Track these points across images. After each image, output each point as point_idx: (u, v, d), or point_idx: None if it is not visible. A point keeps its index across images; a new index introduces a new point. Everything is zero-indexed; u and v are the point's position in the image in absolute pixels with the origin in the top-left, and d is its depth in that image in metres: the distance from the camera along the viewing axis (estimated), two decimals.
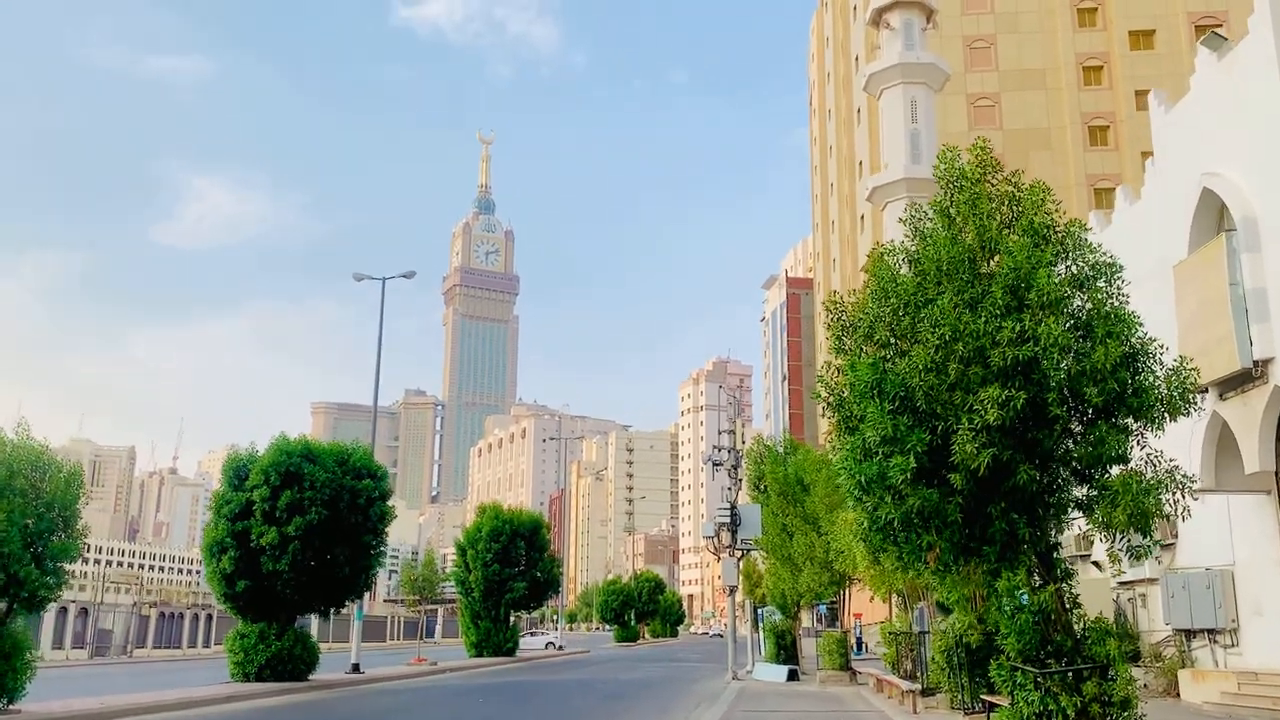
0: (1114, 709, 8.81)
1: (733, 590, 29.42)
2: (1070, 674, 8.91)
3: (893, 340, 9.45)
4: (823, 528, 24.53)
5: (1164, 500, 8.98)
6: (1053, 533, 9.58)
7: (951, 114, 56.35)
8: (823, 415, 9.69)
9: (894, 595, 22.48)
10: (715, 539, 29.88)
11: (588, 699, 23.56)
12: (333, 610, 28.40)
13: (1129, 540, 9.13)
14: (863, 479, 8.88)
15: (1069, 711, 8.70)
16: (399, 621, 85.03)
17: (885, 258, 10.03)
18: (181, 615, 54.09)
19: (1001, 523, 8.92)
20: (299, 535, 25.13)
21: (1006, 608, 9.20)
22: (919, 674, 17.08)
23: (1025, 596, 9.13)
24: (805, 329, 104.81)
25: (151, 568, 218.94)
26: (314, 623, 67.79)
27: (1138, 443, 9.26)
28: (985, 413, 8.49)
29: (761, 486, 30.62)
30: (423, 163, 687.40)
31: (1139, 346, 9.22)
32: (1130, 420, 9.13)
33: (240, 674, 25.58)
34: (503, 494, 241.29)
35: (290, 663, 25.79)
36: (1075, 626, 9.27)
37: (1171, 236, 19.16)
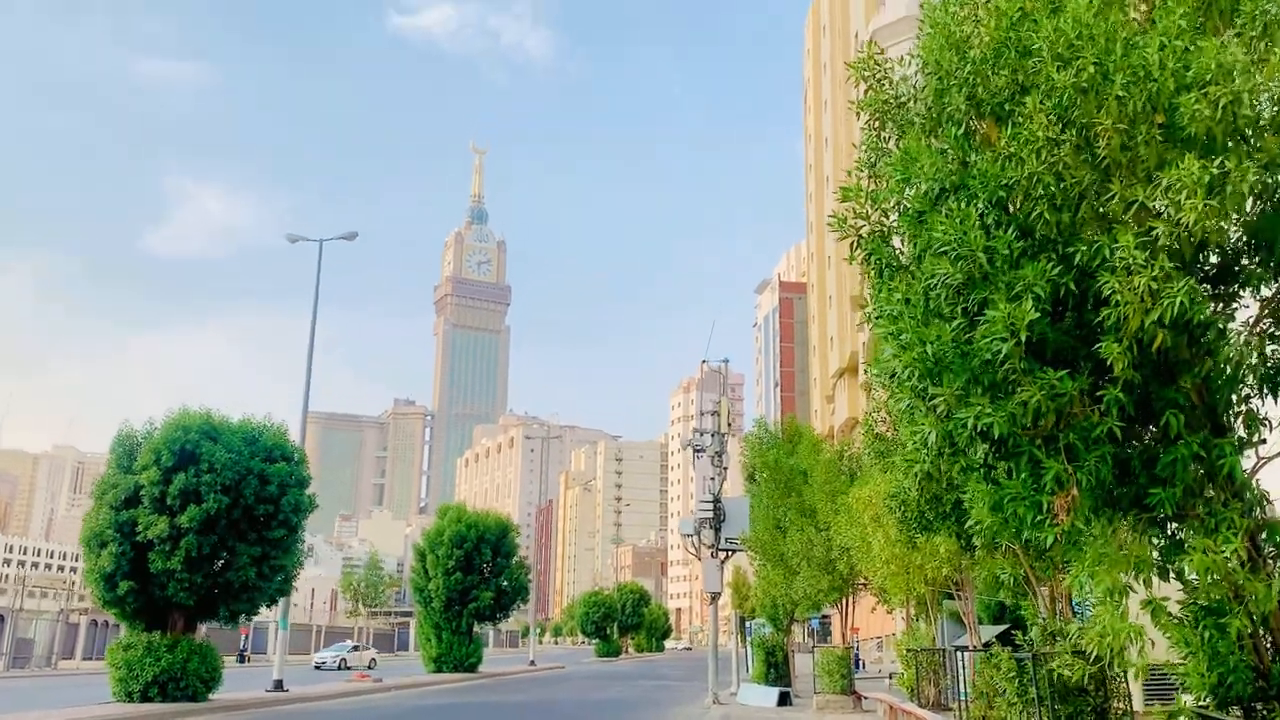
0: None
1: (715, 597, 25.10)
2: None
3: (974, 121, 5.25)
4: (823, 521, 20.28)
5: None
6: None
7: None
8: (852, 259, 5.36)
9: (909, 604, 18.22)
10: (695, 537, 25.56)
11: None
12: (241, 617, 24.09)
13: None
14: (929, 354, 4.59)
15: None
16: (368, 633, 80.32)
17: (949, 6, 5.83)
18: (118, 624, 49.34)
19: (1189, 444, 4.69)
20: (194, 527, 21.11)
21: (1188, 610, 4.98)
22: (955, 703, 12.91)
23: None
24: (798, 334, 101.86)
25: None
26: (271, 630, 63.40)
27: None
28: (1177, 211, 4.27)
29: (756, 478, 26.29)
30: (416, 172, 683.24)
31: None
32: None
33: (123, 693, 21.42)
34: (490, 504, 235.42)
35: (184, 680, 21.69)
36: None
37: None
